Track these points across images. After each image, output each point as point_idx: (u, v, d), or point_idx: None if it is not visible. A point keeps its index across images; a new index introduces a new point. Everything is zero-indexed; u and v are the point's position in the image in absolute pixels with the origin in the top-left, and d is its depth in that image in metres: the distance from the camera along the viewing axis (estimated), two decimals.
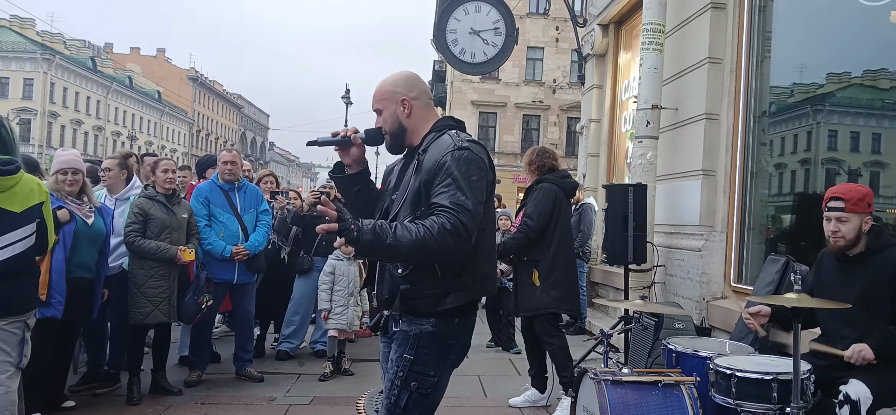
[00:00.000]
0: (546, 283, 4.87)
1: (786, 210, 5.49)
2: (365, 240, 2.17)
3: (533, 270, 4.93)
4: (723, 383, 3.10)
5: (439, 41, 10.77)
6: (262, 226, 5.71)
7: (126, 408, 4.85)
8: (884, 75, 4.47)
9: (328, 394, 5.38)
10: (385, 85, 2.54)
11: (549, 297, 4.86)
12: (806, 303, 2.85)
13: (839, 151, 5.00)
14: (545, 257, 4.90)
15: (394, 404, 2.40)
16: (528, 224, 4.93)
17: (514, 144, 35.05)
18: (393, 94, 2.51)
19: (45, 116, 48.85)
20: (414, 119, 2.50)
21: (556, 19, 32.09)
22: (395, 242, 2.19)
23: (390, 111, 2.50)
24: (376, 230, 2.19)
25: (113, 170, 5.32)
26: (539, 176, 5.12)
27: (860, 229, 3.20)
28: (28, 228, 3.33)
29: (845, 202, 3.19)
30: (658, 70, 5.98)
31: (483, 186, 2.35)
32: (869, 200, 3.22)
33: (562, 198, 5.03)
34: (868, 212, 3.21)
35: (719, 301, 5.47)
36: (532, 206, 4.97)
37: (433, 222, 2.22)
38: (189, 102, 68.92)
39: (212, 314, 5.62)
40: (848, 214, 3.19)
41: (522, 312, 5.08)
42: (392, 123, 2.51)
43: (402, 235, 2.20)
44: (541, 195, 4.97)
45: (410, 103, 2.49)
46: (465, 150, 2.33)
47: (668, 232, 6.14)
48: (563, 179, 5.12)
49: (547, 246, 4.91)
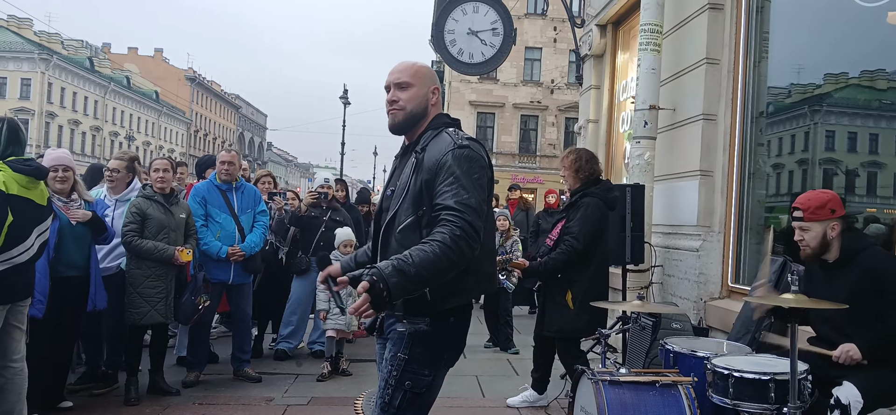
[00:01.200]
0: (580, 306, 4.56)
1: (783, 211, 5.49)
2: (394, 285, 2.14)
3: (567, 290, 4.65)
4: (720, 384, 3.10)
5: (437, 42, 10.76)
6: (259, 227, 5.71)
7: (124, 408, 4.84)
8: (881, 76, 4.47)
9: (326, 394, 5.39)
10: (423, 67, 2.58)
11: (582, 322, 4.60)
12: (803, 303, 2.86)
13: (836, 151, 5.00)
14: (583, 279, 4.61)
15: (387, 403, 2.40)
16: (573, 245, 4.57)
17: (512, 144, 35.09)
18: (429, 78, 2.55)
19: (43, 116, 48.76)
20: (432, 111, 2.55)
21: (554, 20, 32.14)
22: (419, 269, 2.17)
23: (422, 92, 2.53)
24: (397, 268, 2.15)
25: (121, 172, 5.30)
26: (583, 187, 4.76)
27: (825, 236, 3.19)
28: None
29: (803, 211, 3.21)
30: (656, 71, 5.98)
31: (484, 183, 2.37)
32: (831, 207, 3.19)
33: (607, 215, 4.74)
34: (832, 218, 3.18)
35: (717, 301, 5.47)
36: (578, 224, 4.60)
37: (444, 234, 2.21)
38: (187, 102, 68.85)
39: (209, 315, 5.61)
40: (808, 223, 3.20)
41: (549, 331, 4.81)
42: (417, 104, 2.52)
43: (423, 259, 2.18)
44: (588, 213, 4.62)
45: (437, 96, 2.56)
46: (465, 148, 2.35)
47: (666, 232, 6.15)
48: (607, 193, 4.81)
49: (586, 268, 4.63)
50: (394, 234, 2.39)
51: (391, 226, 2.41)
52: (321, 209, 6.71)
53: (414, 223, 2.35)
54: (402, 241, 2.35)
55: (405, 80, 2.52)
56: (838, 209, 3.21)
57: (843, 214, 3.24)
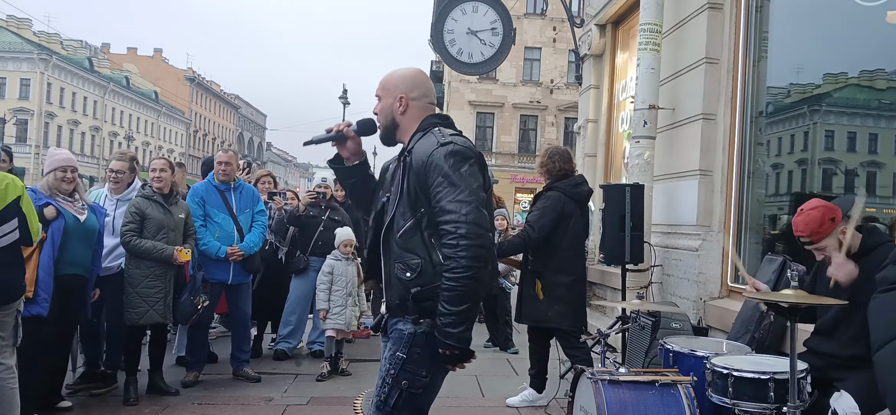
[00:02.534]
0: (549, 297, 4.77)
1: (783, 210, 5.49)
2: (457, 338, 2.26)
3: (536, 281, 4.84)
4: (720, 383, 3.10)
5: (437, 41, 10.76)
6: (258, 226, 5.70)
7: (123, 408, 4.84)
8: (880, 75, 4.47)
9: (325, 394, 5.38)
10: (391, 77, 2.59)
11: (552, 311, 4.76)
12: (803, 299, 2.85)
13: (836, 151, 5.00)
14: (549, 270, 4.79)
15: (383, 401, 2.40)
16: (527, 232, 4.80)
17: (511, 144, 35.09)
18: (395, 87, 2.55)
19: (42, 116, 48.74)
20: (407, 117, 2.53)
21: (554, 20, 32.13)
22: (457, 306, 2.25)
23: (387, 103, 2.56)
24: (446, 330, 2.26)
25: (125, 173, 5.29)
26: (550, 181, 4.96)
27: (840, 243, 3.16)
28: (10, 225, 3.60)
29: (810, 236, 3.18)
30: (655, 70, 5.98)
31: (476, 171, 2.37)
32: (829, 217, 3.14)
33: (571, 209, 4.86)
34: (835, 226, 3.14)
35: (716, 301, 5.47)
36: (536, 214, 4.84)
37: (453, 256, 2.24)
38: (186, 103, 68.83)
39: (209, 315, 5.61)
40: (820, 243, 3.18)
41: (525, 320, 5.02)
42: (385, 116, 2.56)
43: (453, 297, 2.25)
44: (546, 204, 4.83)
45: (407, 101, 2.52)
46: (448, 143, 2.35)
47: (666, 232, 6.14)
48: (574, 188, 4.93)
49: (551, 258, 4.78)
50: (394, 238, 2.40)
51: (390, 230, 2.42)
52: (320, 209, 6.71)
53: (414, 226, 2.35)
54: (403, 244, 2.36)
55: (378, 93, 2.60)
56: (836, 215, 3.17)
57: (841, 213, 3.22)
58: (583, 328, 4.93)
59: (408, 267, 2.34)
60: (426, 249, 2.33)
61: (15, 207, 3.61)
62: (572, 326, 4.87)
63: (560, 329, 4.85)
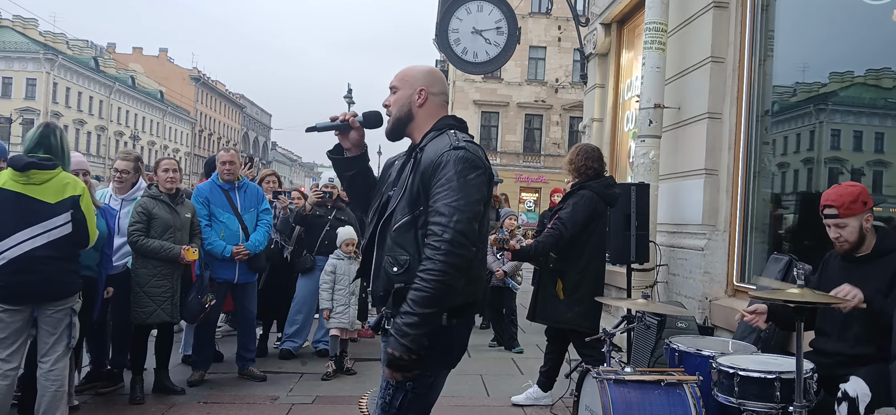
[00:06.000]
0: (570, 298, 4.67)
1: (789, 209, 5.48)
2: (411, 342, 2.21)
3: (558, 280, 4.74)
4: (726, 383, 3.10)
5: (441, 41, 10.76)
6: (263, 225, 5.71)
7: (129, 407, 4.86)
8: (887, 74, 4.45)
9: (331, 393, 5.39)
10: (411, 70, 2.57)
11: (572, 313, 4.67)
12: (809, 297, 2.84)
13: (842, 150, 4.99)
14: (573, 270, 4.69)
15: (389, 403, 2.40)
16: (560, 228, 4.65)
17: (516, 143, 35.08)
18: (415, 79, 2.52)
19: (48, 116, 48.87)
20: (424, 111, 2.51)
21: (559, 19, 32.12)
22: (422, 309, 2.21)
23: (405, 94, 2.52)
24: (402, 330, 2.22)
25: (130, 173, 5.31)
26: (580, 180, 4.84)
27: (861, 229, 3.16)
28: (62, 218, 3.78)
29: (838, 208, 3.16)
30: (660, 69, 5.96)
31: (481, 183, 2.35)
32: (863, 199, 3.16)
33: (602, 211, 4.78)
34: (865, 211, 3.16)
35: (722, 300, 5.46)
36: (568, 212, 4.70)
37: (433, 257, 2.22)
38: (191, 102, 69.00)
39: (215, 314, 5.63)
40: (844, 219, 3.15)
41: (540, 319, 4.91)
42: (401, 107, 2.51)
43: (421, 298, 2.21)
44: (579, 203, 4.70)
45: (427, 95, 2.51)
46: (461, 149, 2.33)
47: (671, 231, 6.13)
48: (606, 189, 4.85)
49: (577, 259, 4.68)
50: (390, 231, 2.39)
51: (388, 223, 2.41)
52: (326, 208, 6.73)
53: (409, 223, 2.34)
54: (396, 239, 2.35)
55: (394, 84, 2.55)
56: (869, 201, 3.18)
57: (873, 204, 3.22)
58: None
59: (396, 262, 2.33)
60: (417, 248, 2.31)
61: (71, 204, 3.82)
62: (592, 328, 4.78)
63: (577, 330, 4.81)
